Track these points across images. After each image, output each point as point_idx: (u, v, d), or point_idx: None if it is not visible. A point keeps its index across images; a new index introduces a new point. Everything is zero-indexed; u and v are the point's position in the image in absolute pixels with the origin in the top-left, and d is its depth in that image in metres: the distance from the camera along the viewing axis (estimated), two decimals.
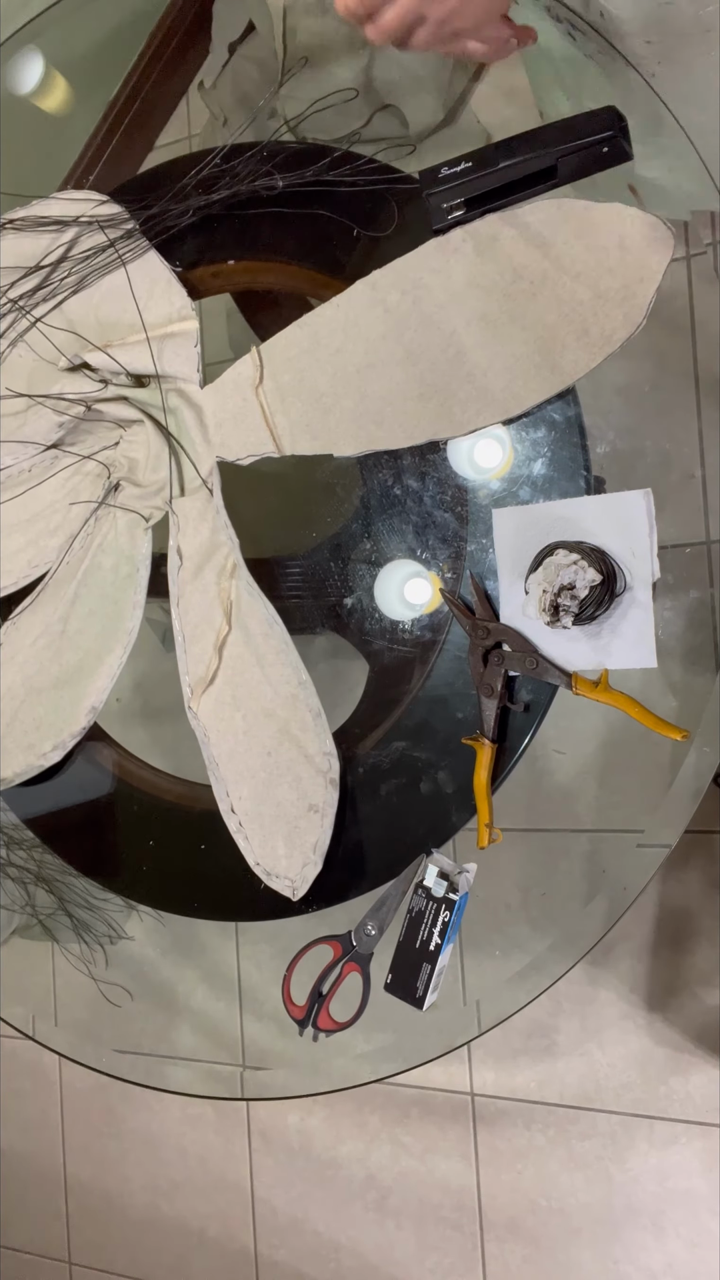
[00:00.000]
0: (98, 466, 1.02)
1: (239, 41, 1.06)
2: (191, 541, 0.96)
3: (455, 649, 0.86)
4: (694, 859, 1.39)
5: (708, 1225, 1.42)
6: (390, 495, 0.89)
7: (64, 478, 1.04)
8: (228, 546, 0.94)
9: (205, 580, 0.95)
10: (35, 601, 1.03)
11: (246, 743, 0.91)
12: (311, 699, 0.90)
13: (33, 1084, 1.99)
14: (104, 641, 0.99)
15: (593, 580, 0.75)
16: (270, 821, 0.90)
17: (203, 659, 0.93)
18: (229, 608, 0.93)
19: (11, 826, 1.10)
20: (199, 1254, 1.82)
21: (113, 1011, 1.04)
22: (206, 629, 0.94)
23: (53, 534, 1.03)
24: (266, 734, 0.91)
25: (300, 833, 0.89)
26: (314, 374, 0.91)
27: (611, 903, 0.82)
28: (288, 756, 0.90)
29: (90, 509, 1.01)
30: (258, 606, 0.92)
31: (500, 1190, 1.55)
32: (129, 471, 1.01)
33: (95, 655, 0.99)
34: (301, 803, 0.89)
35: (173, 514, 0.97)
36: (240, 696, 0.92)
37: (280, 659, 0.91)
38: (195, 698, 0.93)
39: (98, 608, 1.00)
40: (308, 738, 0.89)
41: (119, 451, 1.02)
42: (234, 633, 0.93)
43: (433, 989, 0.83)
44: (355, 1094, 1.64)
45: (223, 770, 0.92)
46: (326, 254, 0.92)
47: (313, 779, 0.88)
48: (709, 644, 0.81)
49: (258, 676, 0.91)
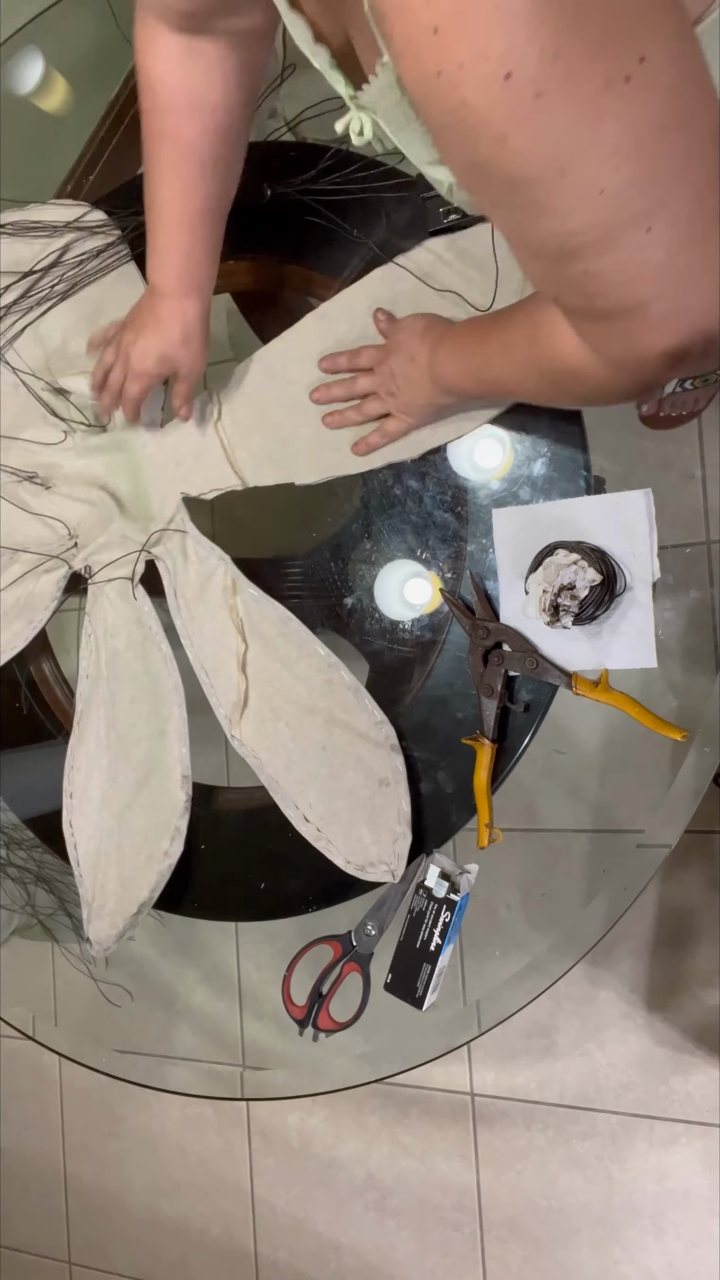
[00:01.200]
0: (53, 564, 1.02)
1: None
2: (184, 578, 0.96)
3: (455, 649, 0.86)
4: (694, 859, 1.39)
5: (707, 1225, 1.42)
6: (390, 495, 0.89)
7: (21, 582, 1.03)
8: (222, 567, 0.94)
9: (211, 607, 0.94)
10: (79, 730, 1.00)
11: (298, 749, 0.90)
12: (346, 676, 0.88)
13: (33, 1084, 1.99)
14: (159, 714, 0.96)
15: (593, 580, 0.75)
16: (347, 815, 0.88)
17: (230, 685, 0.92)
18: (240, 625, 0.92)
19: (11, 826, 1.10)
20: (199, 1254, 1.82)
21: (113, 1011, 1.04)
22: (226, 655, 0.93)
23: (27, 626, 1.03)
24: (315, 731, 0.89)
25: (379, 812, 0.87)
26: (271, 406, 0.92)
27: (611, 903, 0.82)
28: (342, 742, 0.88)
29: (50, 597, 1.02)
30: (268, 611, 0.92)
31: (500, 1190, 1.55)
32: (87, 546, 1.00)
33: (159, 732, 0.96)
34: (371, 782, 0.87)
35: (159, 561, 0.97)
36: (278, 707, 0.91)
37: (303, 653, 0.90)
38: (234, 725, 0.92)
39: (137, 691, 0.97)
40: (354, 716, 0.88)
41: (75, 526, 1.01)
42: (252, 648, 0.92)
43: (433, 989, 0.83)
44: (355, 1094, 1.64)
45: (284, 786, 0.90)
46: (327, 253, 0.92)
47: (374, 753, 0.87)
48: (709, 644, 0.81)
49: (288, 679, 0.91)
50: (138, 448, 0.99)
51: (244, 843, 0.97)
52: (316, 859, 0.90)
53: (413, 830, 0.86)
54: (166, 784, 0.95)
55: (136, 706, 0.97)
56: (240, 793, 0.99)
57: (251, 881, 0.96)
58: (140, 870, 0.96)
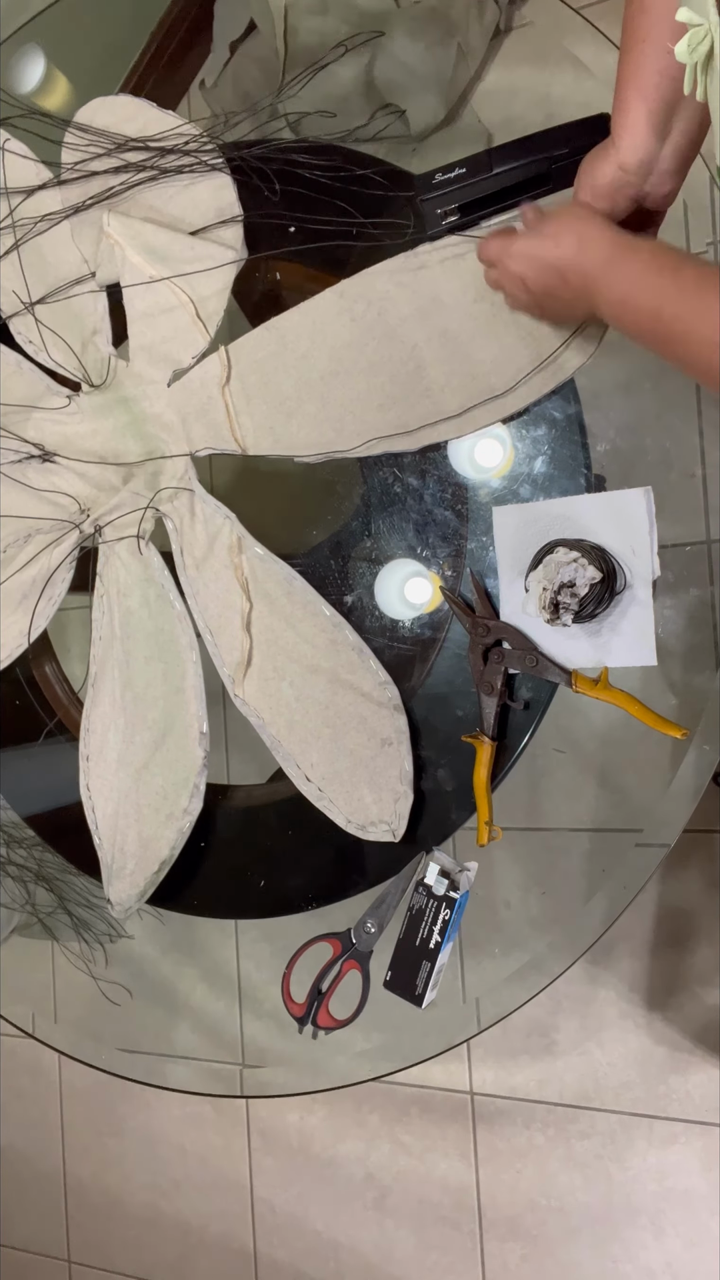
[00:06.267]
0: (63, 531, 1.02)
1: (240, 40, 1.06)
2: (191, 536, 0.96)
3: (455, 647, 0.86)
4: (694, 858, 1.39)
5: (707, 1224, 1.42)
6: (391, 493, 0.89)
7: (40, 559, 1.03)
8: (228, 525, 0.94)
9: (216, 566, 0.94)
10: (94, 691, 1.00)
11: (301, 709, 0.90)
12: (351, 636, 0.88)
13: (33, 1082, 1.99)
14: (175, 672, 0.96)
15: (593, 578, 0.75)
16: (349, 774, 0.88)
17: (234, 644, 0.92)
18: (245, 583, 0.92)
19: (12, 825, 1.10)
20: (198, 1252, 1.82)
21: (112, 1010, 1.05)
22: (230, 614, 0.93)
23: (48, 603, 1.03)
24: (318, 690, 0.89)
25: (381, 772, 0.87)
26: (279, 377, 0.91)
27: (611, 901, 0.82)
28: (346, 701, 0.88)
29: (63, 564, 1.01)
30: (273, 569, 0.92)
31: (499, 1189, 1.55)
32: (95, 507, 1.00)
33: (175, 690, 0.96)
34: (373, 742, 0.87)
35: (167, 520, 0.97)
36: (281, 666, 0.91)
37: (308, 612, 0.90)
38: (237, 684, 0.92)
39: (152, 650, 0.97)
40: (358, 676, 0.88)
41: (84, 499, 1.01)
42: (257, 607, 0.92)
43: (432, 987, 0.83)
44: (354, 1092, 1.64)
45: (286, 745, 0.90)
46: (327, 252, 0.92)
47: (377, 714, 0.87)
48: (709, 642, 0.81)
49: (292, 638, 0.90)
50: (144, 406, 0.98)
51: (243, 840, 0.97)
52: (316, 857, 0.91)
53: (411, 827, 0.86)
54: (184, 741, 0.95)
55: (152, 665, 0.97)
56: (240, 790, 0.99)
57: (251, 879, 0.96)
58: (160, 828, 0.96)
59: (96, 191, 0.99)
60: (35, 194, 1.02)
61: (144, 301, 0.97)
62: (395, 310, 0.87)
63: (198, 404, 0.95)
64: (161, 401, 0.97)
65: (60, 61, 1.13)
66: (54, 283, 1.01)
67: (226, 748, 0.95)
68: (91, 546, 1.01)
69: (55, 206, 1.02)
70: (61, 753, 1.04)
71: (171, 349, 0.96)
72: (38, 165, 1.03)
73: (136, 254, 0.95)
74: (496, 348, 0.83)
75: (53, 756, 1.08)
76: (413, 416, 0.86)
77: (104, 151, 0.99)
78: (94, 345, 1.01)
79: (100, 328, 1.00)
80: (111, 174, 0.98)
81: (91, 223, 1.00)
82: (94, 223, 0.99)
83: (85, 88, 1.05)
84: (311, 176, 0.91)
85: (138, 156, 0.98)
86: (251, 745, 0.93)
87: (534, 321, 0.81)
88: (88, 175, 1.00)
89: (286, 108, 0.97)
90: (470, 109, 0.98)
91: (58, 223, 1.01)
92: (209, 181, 0.96)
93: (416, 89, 0.96)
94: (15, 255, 1.03)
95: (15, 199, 1.03)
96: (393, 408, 0.86)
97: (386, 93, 0.95)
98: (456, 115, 0.97)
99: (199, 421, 0.95)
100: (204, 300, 0.95)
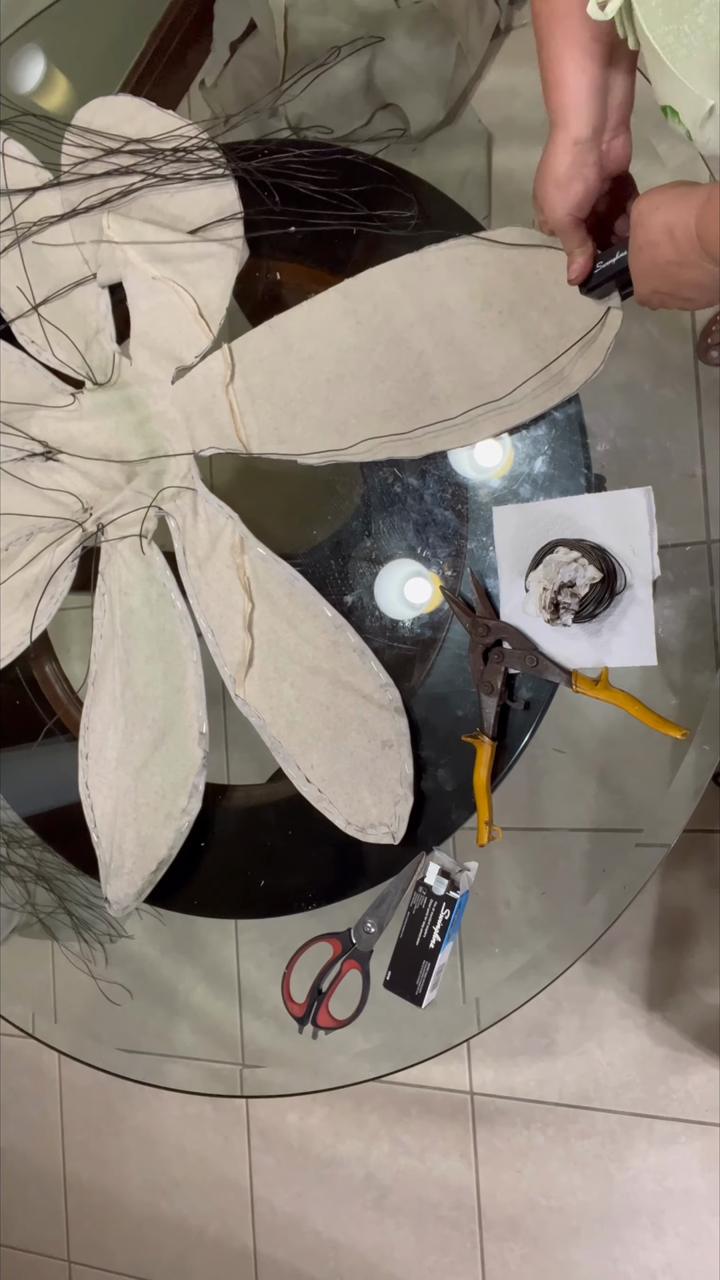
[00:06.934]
0: (70, 536, 1.02)
1: (240, 40, 1.06)
2: (193, 536, 0.96)
3: (455, 647, 0.86)
4: (693, 858, 1.39)
5: (707, 1224, 1.42)
6: (391, 493, 0.89)
7: (42, 557, 1.03)
8: (230, 525, 0.94)
9: (219, 566, 0.94)
10: (95, 690, 1.00)
11: (302, 709, 0.90)
12: (352, 638, 0.88)
13: (32, 1082, 1.99)
14: (176, 672, 0.96)
15: (593, 578, 0.75)
16: (349, 776, 0.88)
17: (236, 644, 0.92)
18: (247, 584, 0.92)
19: (12, 825, 1.10)
20: (198, 1252, 1.82)
21: (112, 1010, 1.05)
22: (232, 614, 0.93)
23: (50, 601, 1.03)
24: (319, 691, 0.89)
25: (381, 774, 0.87)
26: (284, 379, 0.91)
27: (611, 901, 0.82)
28: (347, 703, 0.88)
29: (66, 560, 1.01)
30: (275, 570, 0.92)
31: (499, 1189, 1.55)
32: (98, 505, 1.00)
33: (175, 690, 0.96)
34: (374, 744, 0.87)
35: (169, 519, 0.97)
36: (282, 666, 0.91)
37: (309, 613, 0.90)
38: (239, 684, 0.92)
39: (153, 649, 0.97)
40: (359, 678, 0.88)
41: (87, 497, 1.01)
42: (258, 607, 0.92)
43: (432, 987, 0.83)
44: (354, 1092, 1.64)
45: (287, 746, 0.90)
46: (329, 249, 0.92)
47: (378, 715, 0.87)
48: (709, 642, 0.81)
49: (293, 639, 0.90)
50: (148, 404, 0.99)
51: (243, 841, 0.97)
52: (316, 856, 0.91)
53: (411, 827, 0.86)
54: (184, 741, 0.95)
55: (152, 664, 0.97)
56: (240, 790, 0.99)
57: (251, 879, 0.96)
58: (159, 828, 0.96)
59: (97, 191, 0.99)
60: (35, 194, 1.02)
61: (146, 300, 0.97)
62: (402, 314, 0.87)
63: (201, 403, 0.95)
64: (165, 400, 0.97)
65: (60, 61, 1.13)
66: (56, 283, 1.01)
67: (226, 748, 0.95)
68: (94, 545, 1.01)
69: (55, 207, 1.02)
70: (61, 752, 1.04)
71: (174, 347, 0.96)
72: (37, 166, 1.03)
73: (137, 253, 0.96)
74: (504, 358, 0.82)
75: (52, 756, 1.08)
76: (418, 424, 0.85)
77: (104, 153, 0.99)
78: (98, 343, 1.01)
79: (103, 326, 1.00)
80: (112, 176, 0.99)
81: (92, 223, 1.00)
82: (95, 223, 0.99)
83: (85, 88, 1.05)
84: (311, 178, 0.91)
85: (137, 160, 0.98)
86: (251, 745, 0.93)
87: (541, 332, 0.81)
88: (88, 177, 1.00)
89: (287, 108, 0.97)
90: (470, 109, 0.98)
91: (56, 223, 1.01)
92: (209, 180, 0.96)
93: (416, 89, 0.96)
94: (17, 256, 1.03)
95: (15, 199, 1.03)
96: (398, 414, 0.86)
97: (387, 92, 0.95)
98: (456, 115, 0.97)
99: (203, 420, 0.95)
100: (206, 299, 0.95)
